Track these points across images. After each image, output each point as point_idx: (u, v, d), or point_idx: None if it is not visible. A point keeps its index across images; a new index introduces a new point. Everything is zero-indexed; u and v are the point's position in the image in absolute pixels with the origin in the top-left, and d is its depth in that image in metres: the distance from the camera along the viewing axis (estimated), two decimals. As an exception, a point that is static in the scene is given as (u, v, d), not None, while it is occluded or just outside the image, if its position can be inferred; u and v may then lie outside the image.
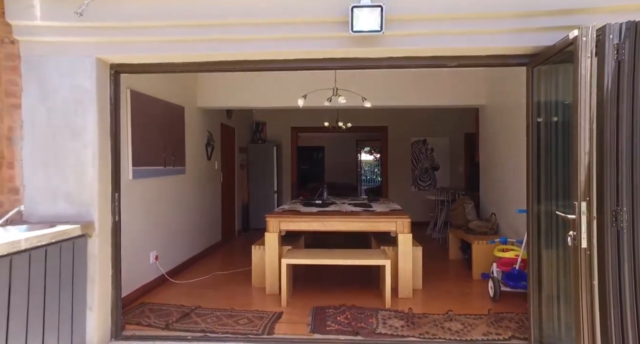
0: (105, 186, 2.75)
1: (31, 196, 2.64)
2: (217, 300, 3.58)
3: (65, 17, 2.47)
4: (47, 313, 2.27)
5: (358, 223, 3.77)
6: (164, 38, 2.57)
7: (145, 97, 3.80)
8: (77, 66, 2.63)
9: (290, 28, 2.47)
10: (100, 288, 2.70)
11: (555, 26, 2.30)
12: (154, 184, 4.03)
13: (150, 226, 3.96)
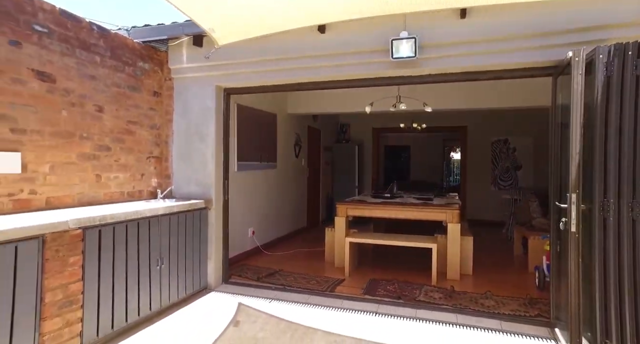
0: (219, 175, 3.93)
1: (177, 181, 3.96)
2: (296, 267, 4.57)
3: (198, 60, 3.70)
4: (187, 258, 3.49)
5: (412, 212, 4.36)
6: (259, 69, 3.60)
7: (247, 109, 4.99)
8: (205, 92, 3.85)
9: (348, 57, 3.27)
10: (215, 246, 3.88)
11: (575, 42, 2.64)
12: (252, 176, 5.23)
13: (249, 208, 5.16)
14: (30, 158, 2.71)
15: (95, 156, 3.22)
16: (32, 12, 2.69)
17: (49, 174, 2.84)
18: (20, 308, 2.12)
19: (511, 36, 2.82)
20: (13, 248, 2.08)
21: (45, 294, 2.25)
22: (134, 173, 3.63)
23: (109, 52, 3.33)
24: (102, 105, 3.27)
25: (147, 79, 3.76)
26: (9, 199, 2.56)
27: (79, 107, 3.07)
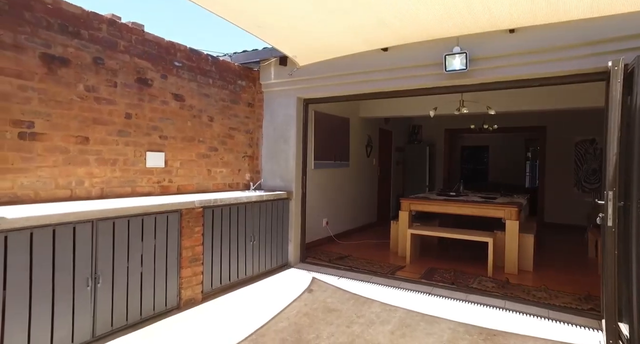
0: (299, 172, 4.72)
1: (265, 175, 4.86)
2: (363, 254, 5.18)
3: (283, 77, 4.53)
4: (272, 238, 4.35)
5: (470, 209, 4.65)
6: (331, 83, 4.29)
7: (323, 115, 5.74)
8: (288, 102, 4.67)
9: (406, 71, 3.78)
10: (295, 231, 4.69)
11: (623, 49, 2.81)
12: (327, 173, 5.96)
13: (323, 201, 5.90)
14: (169, 156, 3.77)
15: (207, 155, 4.23)
16: (173, 53, 3.75)
17: (179, 168, 3.90)
18: (170, 258, 3.12)
19: (560, 47, 3.06)
20: (165, 217, 3.07)
21: (182, 251, 3.23)
22: (233, 169, 4.60)
23: (218, 75, 4.33)
24: (212, 116, 4.27)
25: (244, 93, 4.72)
26: (158, 185, 3.64)
27: (198, 119, 4.09)
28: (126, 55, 3.37)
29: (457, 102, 5.41)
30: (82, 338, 2.53)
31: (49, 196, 2.86)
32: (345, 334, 2.84)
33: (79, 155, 3.05)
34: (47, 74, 2.82)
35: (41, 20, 2.77)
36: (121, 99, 3.35)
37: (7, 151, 2.61)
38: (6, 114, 2.59)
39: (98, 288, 2.62)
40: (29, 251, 2.26)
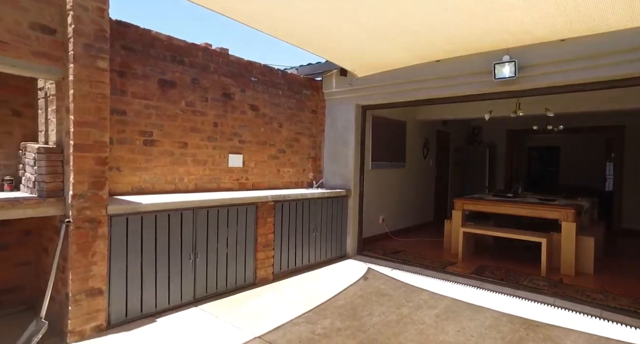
0: (357, 172, 5.19)
1: (326, 175, 5.41)
2: (416, 250, 5.49)
3: (343, 86, 5.04)
4: (332, 231, 4.88)
5: (525, 209, 4.73)
6: (389, 90, 4.70)
7: (380, 119, 6.14)
8: (347, 109, 5.17)
9: (457, 79, 4.06)
10: (352, 225, 5.17)
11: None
12: (383, 173, 6.35)
13: (380, 199, 6.30)
14: (246, 158, 4.48)
15: (277, 156, 4.88)
16: (250, 70, 4.45)
17: (254, 168, 4.59)
18: (248, 242, 3.79)
19: (614, 51, 3.15)
20: (245, 208, 3.75)
21: (258, 238, 3.89)
22: (298, 169, 5.21)
23: (286, 86, 4.96)
24: (282, 122, 4.92)
25: (308, 101, 5.31)
26: (237, 182, 4.36)
27: (269, 125, 4.76)
28: (215, 75, 4.12)
29: (513, 104, 5.46)
30: (186, 298, 3.27)
31: (161, 189, 3.68)
32: (394, 314, 3.26)
33: (181, 157, 3.84)
34: (161, 95, 3.64)
35: (159, 54, 3.59)
36: (210, 111, 4.10)
37: (136, 154, 3.45)
38: (137, 126, 3.43)
39: (197, 262, 3.35)
40: (154, 229, 3.03)
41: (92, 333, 2.68)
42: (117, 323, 2.83)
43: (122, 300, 2.86)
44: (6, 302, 3.01)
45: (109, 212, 2.77)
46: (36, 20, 2.50)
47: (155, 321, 2.96)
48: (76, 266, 2.61)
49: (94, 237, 2.69)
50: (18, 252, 3.07)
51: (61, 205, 2.67)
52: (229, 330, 2.86)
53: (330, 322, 3.06)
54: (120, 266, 2.84)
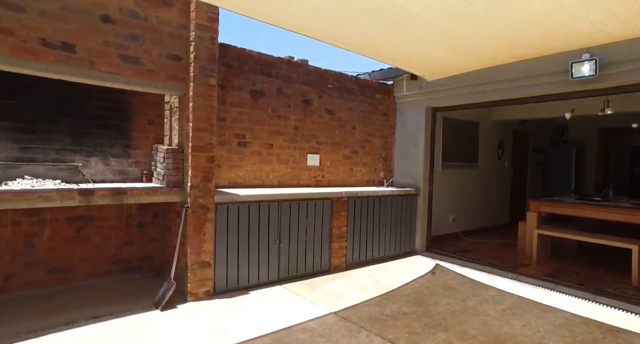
0: (426, 171, 5.37)
1: (396, 174, 5.67)
2: (487, 251, 5.48)
3: (414, 89, 5.26)
4: (401, 228, 5.14)
5: (612, 214, 4.47)
6: (459, 93, 4.81)
7: (452, 120, 6.19)
8: (417, 111, 5.38)
9: (532, 79, 4.05)
10: (421, 223, 5.36)
11: None
12: (454, 173, 6.39)
13: (450, 199, 6.35)
14: (322, 158, 4.96)
15: (350, 156, 5.29)
16: (326, 77, 4.93)
17: (329, 167, 5.05)
18: (324, 233, 4.26)
19: None
20: (322, 202, 4.22)
21: (332, 229, 4.33)
22: (370, 168, 5.56)
23: (359, 91, 5.34)
24: (354, 125, 5.31)
25: (380, 105, 5.62)
26: (314, 179, 4.87)
27: (343, 128, 5.18)
28: (296, 83, 4.66)
29: (600, 102, 5.15)
30: (272, 277, 3.83)
31: (251, 184, 4.31)
32: (459, 305, 3.44)
33: (267, 157, 4.45)
34: (253, 103, 4.27)
35: (251, 68, 4.22)
36: (292, 116, 4.65)
37: (232, 153, 4.12)
38: (233, 130, 4.11)
39: (281, 247, 3.90)
40: (247, 217, 3.64)
41: (203, 296, 3.35)
42: (220, 291, 3.48)
43: (224, 273, 3.50)
44: (144, 268, 3.88)
45: (215, 201, 3.43)
46: (170, 52, 3.23)
47: (249, 293, 3.55)
48: (192, 242, 3.29)
49: (204, 220, 3.36)
50: (151, 230, 3.92)
51: (182, 194, 3.39)
52: (308, 305, 3.33)
53: (397, 307, 3.37)
54: (222, 245, 3.48)
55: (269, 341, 2.66)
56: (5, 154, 3.07)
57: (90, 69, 2.87)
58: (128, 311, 3.03)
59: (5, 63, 2.54)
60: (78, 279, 3.51)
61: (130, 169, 3.75)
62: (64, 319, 2.83)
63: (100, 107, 3.54)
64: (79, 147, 3.44)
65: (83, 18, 2.83)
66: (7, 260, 3.17)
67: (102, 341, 2.57)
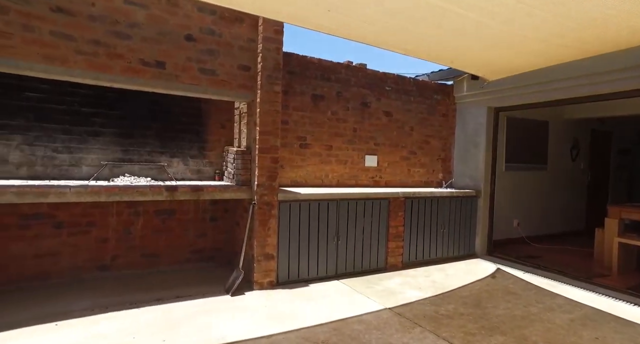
0: (487, 173, 5.21)
1: (456, 175, 5.58)
2: (557, 258, 5.15)
3: (474, 89, 5.14)
4: (460, 230, 5.05)
5: None
6: (524, 92, 4.62)
7: (517, 120, 5.91)
8: (478, 111, 5.24)
9: (603, 76, 3.78)
10: (482, 226, 5.21)
11: None
12: (519, 176, 6.08)
13: (515, 202, 6.05)
14: (380, 159, 5.07)
15: (407, 158, 5.32)
16: (385, 80, 5.03)
17: (387, 167, 5.14)
18: (381, 232, 4.37)
19: None
20: (379, 202, 4.34)
21: (389, 229, 4.43)
22: (428, 169, 5.53)
23: (418, 93, 5.35)
24: (412, 126, 5.33)
25: (439, 106, 5.57)
26: (372, 180, 5.00)
27: (401, 129, 5.23)
28: (355, 87, 4.83)
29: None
30: (330, 272, 4.04)
31: (311, 183, 4.57)
32: (520, 310, 3.35)
33: (327, 157, 4.67)
34: (313, 107, 4.53)
35: (312, 74, 4.49)
36: (351, 118, 4.83)
37: (294, 155, 4.42)
38: (295, 133, 4.40)
39: (338, 244, 4.09)
40: (308, 214, 3.89)
41: (267, 285, 3.67)
42: (282, 282, 3.77)
43: (286, 265, 3.78)
44: (215, 257, 4.33)
45: (278, 198, 3.73)
46: (240, 63, 3.60)
47: (308, 286, 3.80)
48: (258, 236, 3.62)
49: (269, 216, 3.67)
50: (222, 224, 4.36)
51: (250, 191, 3.74)
52: (364, 300, 3.48)
53: (453, 307, 3.38)
54: (284, 240, 3.77)
55: (327, 329, 2.87)
56: (112, 155, 3.67)
57: (176, 82, 3.32)
58: (204, 294, 3.43)
59: (117, 81, 3.07)
60: (164, 264, 4.04)
61: (205, 169, 4.21)
62: (155, 296, 3.31)
63: (181, 114, 4.04)
64: (164, 150, 3.96)
65: (172, 39, 3.28)
66: (113, 243, 3.77)
67: (186, 316, 2.97)
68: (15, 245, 3.37)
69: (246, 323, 2.90)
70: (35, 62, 2.78)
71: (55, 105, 3.44)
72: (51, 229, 3.51)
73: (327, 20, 2.65)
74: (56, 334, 2.61)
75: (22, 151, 3.31)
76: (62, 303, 3.11)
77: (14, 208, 3.32)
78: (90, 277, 3.67)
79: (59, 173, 3.47)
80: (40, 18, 2.79)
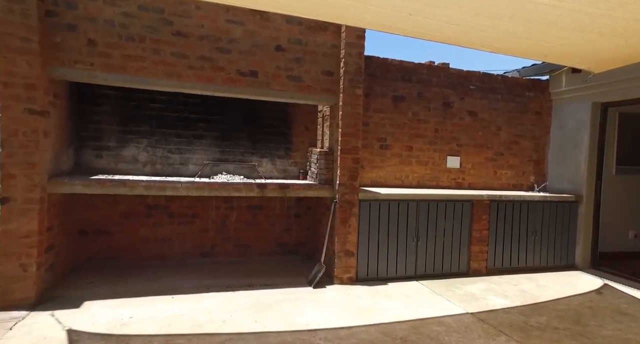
0: (590, 177, 4.67)
1: (550, 178, 5.10)
2: (684, 277, 4.38)
3: (575, 83, 4.66)
4: (555, 238, 4.61)
5: None
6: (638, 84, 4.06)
7: (632, 116, 5.17)
8: (580, 107, 4.73)
9: None
10: (584, 235, 4.69)
11: None
12: (635, 179, 5.30)
13: (630, 210, 5.30)
14: (463, 160, 4.88)
15: (494, 159, 5.03)
16: (469, 79, 4.85)
17: (470, 169, 4.93)
18: (463, 235, 4.23)
19: None
20: (461, 204, 4.20)
21: (472, 232, 4.25)
22: (517, 171, 5.15)
23: (506, 90, 5.03)
24: (500, 126, 5.03)
25: (531, 103, 5.15)
26: (454, 181, 4.84)
27: (487, 129, 4.97)
28: (436, 87, 4.74)
29: None
30: (409, 272, 4.04)
31: (390, 184, 4.61)
32: (636, 334, 2.96)
33: (407, 158, 4.67)
34: (394, 108, 4.57)
35: (393, 76, 4.54)
36: (432, 119, 4.75)
37: (374, 155, 4.51)
38: (375, 134, 4.49)
39: (418, 245, 4.06)
40: (387, 214, 3.95)
41: (347, 281, 3.82)
42: (361, 279, 3.88)
43: (365, 263, 3.89)
44: (299, 251, 4.64)
45: (359, 197, 3.86)
46: (324, 69, 3.83)
47: (387, 284, 3.85)
48: (339, 233, 3.79)
49: (349, 214, 3.82)
50: (304, 220, 4.66)
51: (331, 190, 3.93)
52: (444, 302, 3.42)
53: (546, 320, 3.13)
54: (364, 238, 3.88)
55: (406, 327, 2.90)
56: (213, 155, 4.19)
57: (267, 89, 3.67)
58: (288, 284, 3.71)
59: (219, 90, 3.52)
60: (253, 254, 4.46)
61: (290, 168, 4.53)
62: (246, 282, 3.69)
63: (269, 118, 4.42)
64: (255, 150, 4.38)
65: (264, 50, 3.64)
66: (212, 234, 4.30)
67: (273, 301, 3.26)
68: (142, 230, 4.07)
69: (327, 313, 3.08)
70: (160, 78, 3.34)
71: (171, 113, 4.06)
72: (166, 218, 4.14)
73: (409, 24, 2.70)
74: (173, 304, 3.10)
75: (147, 152, 3.99)
76: (174, 280, 3.65)
77: (142, 199, 4.01)
78: (194, 262, 4.23)
79: (172, 171, 4.08)
80: (164, 42, 3.34)
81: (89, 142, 3.85)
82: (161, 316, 2.87)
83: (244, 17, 3.57)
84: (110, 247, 3.99)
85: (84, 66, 3.16)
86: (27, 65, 2.87)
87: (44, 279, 3.11)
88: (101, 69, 3.20)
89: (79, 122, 3.79)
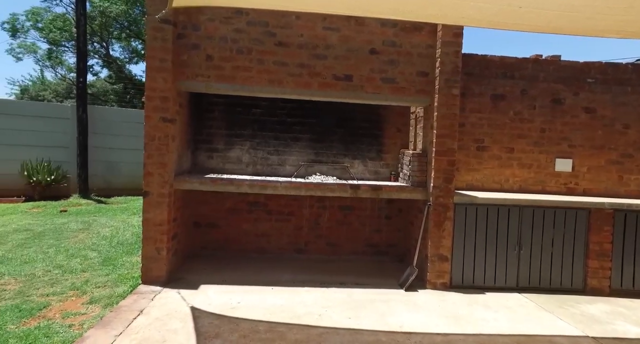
0: None
1: (697, 185, 4.24)
2: None
3: None
4: (703, 254, 3.82)
5: None
6: None
7: None
8: None
9: None
10: None
11: None
12: None
13: None
14: (576, 162, 4.34)
15: (618, 162, 4.36)
16: (587, 71, 4.29)
17: (586, 173, 4.36)
18: (577, 247, 3.77)
19: None
20: (574, 212, 3.75)
21: (590, 245, 3.76)
22: (650, 176, 4.39)
23: (638, 81, 4.32)
24: (628, 123, 4.34)
25: (670, 95, 4.35)
26: (564, 186, 4.33)
27: (609, 127, 4.34)
28: (544, 83, 4.30)
29: None
30: (510, 283, 3.74)
31: (488, 187, 4.31)
32: None
33: (507, 161, 4.32)
34: (492, 108, 4.28)
35: (492, 73, 4.25)
36: (537, 118, 4.32)
37: (471, 157, 4.28)
38: (471, 135, 4.26)
39: (520, 254, 3.74)
40: (485, 220, 3.71)
41: (440, 287, 3.69)
42: (456, 285, 3.71)
43: (460, 269, 3.71)
44: (389, 253, 4.65)
45: (454, 201, 3.70)
46: (419, 69, 3.77)
47: (484, 293, 3.62)
48: (433, 236, 3.69)
49: (444, 218, 3.69)
50: (395, 222, 4.64)
51: (424, 192, 3.84)
52: (555, 320, 3.09)
53: (693, 353, 2.63)
54: (459, 243, 3.70)
55: (510, 342, 2.70)
56: (307, 157, 4.44)
57: (361, 92, 3.75)
58: (379, 284, 3.73)
59: (315, 95, 3.72)
60: (344, 253, 4.58)
61: (382, 170, 4.55)
62: (338, 279, 3.82)
63: (361, 120, 4.50)
64: (347, 152, 4.49)
65: (358, 54, 3.73)
66: (306, 231, 4.55)
67: (366, 301, 3.32)
68: (245, 225, 4.50)
69: (421, 317, 3.03)
70: (264, 86, 3.66)
71: (270, 117, 4.40)
72: (265, 215, 4.49)
73: (518, 18, 2.52)
74: (274, 295, 3.36)
75: (249, 153, 4.40)
76: (273, 273, 3.94)
77: (245, 197, 4.42)
78: (289, 257, 4.50)
79: (270, 171, 4.41)
80: (268, 52, 3.65)
81: (202, 144, 4.38)
82: (264, 305, 3.13)
83: (340, 24, 3.71)
84: (218, 239, 4.48)
85: (203, 78, 3.62)
86: (163, 81, 3.40)
87: (171, 262, 3.64)
88: (215, 80, 3.63)
89: (195, 128, 4.34)
